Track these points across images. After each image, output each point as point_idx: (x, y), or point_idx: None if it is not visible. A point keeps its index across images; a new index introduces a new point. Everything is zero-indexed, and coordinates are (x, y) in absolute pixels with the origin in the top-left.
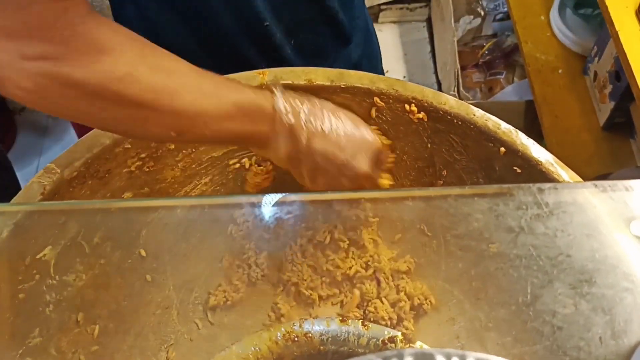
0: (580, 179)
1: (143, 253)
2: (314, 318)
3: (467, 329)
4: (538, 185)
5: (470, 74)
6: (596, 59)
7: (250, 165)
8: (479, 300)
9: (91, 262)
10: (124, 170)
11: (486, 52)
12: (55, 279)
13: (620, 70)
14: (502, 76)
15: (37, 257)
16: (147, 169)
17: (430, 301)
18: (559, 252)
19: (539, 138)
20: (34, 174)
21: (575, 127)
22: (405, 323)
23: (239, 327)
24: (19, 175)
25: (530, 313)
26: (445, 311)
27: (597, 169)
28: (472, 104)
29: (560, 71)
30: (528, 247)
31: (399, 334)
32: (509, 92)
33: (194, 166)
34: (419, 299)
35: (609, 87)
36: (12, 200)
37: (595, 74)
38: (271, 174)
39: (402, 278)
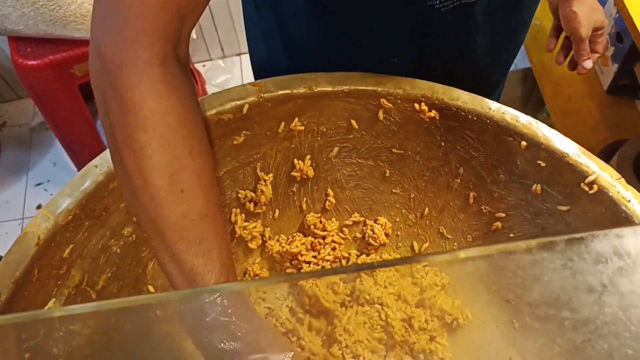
0: (611, 169)
1: (151, 289)
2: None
3: None
4: (615, 231)
5: None
6: None
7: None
8: None
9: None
10: (122, 205)
11: None
12: (62, 331)
13: (622, 32)
14: None
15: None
16: None
17: (503, 344)
18: None
19: (539, 107)
20: (24, 191)
21: (578, 93)
22: None
23: None
24: (8, 193)
25: None
26: None
27: (604, 136)
28: None
29: None
30: (616, 310)
31: None
32: None
33: None
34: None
35: (611, 50)
36: (5, 255)
37: None
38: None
39: (469, 319)
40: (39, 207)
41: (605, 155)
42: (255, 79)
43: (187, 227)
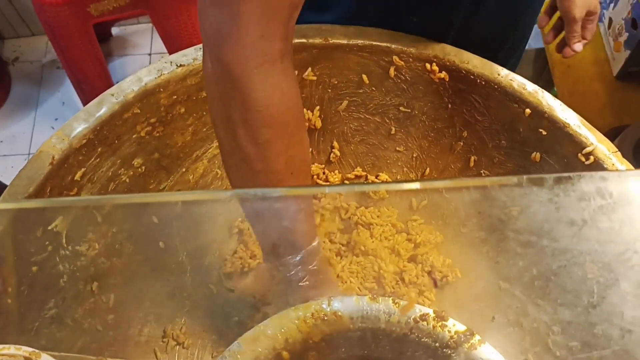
0: (610, 142)
1: (155, 220)
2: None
3: (532, 333)
4: (601, 173)
5: None
6: (611, 5)
7: None
8: (542, 301)
9: (103, 231)
10: (134, 136)
11: None
12: (68, 250)
13: (637, 18)
14: None
15: (49, 228)
16: (157, 134)
17: (488, 303)
18: (625, 248)
19: (549, 87)
20: (31, 127)
21: (588, 76)
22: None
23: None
24: (16, 128)
25: (598, 315)
26: (507, 314)
27: (609, 121)
28: None
29: None
30: (592, 243)
31: (431, 312)
32: None
33: (204, 129)
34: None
35: (625, 35)
36: (19, 171)
37: (610, 20)
38: None
39: (458, 277)
40: None
41: (608, 138)
42: None
43: None
